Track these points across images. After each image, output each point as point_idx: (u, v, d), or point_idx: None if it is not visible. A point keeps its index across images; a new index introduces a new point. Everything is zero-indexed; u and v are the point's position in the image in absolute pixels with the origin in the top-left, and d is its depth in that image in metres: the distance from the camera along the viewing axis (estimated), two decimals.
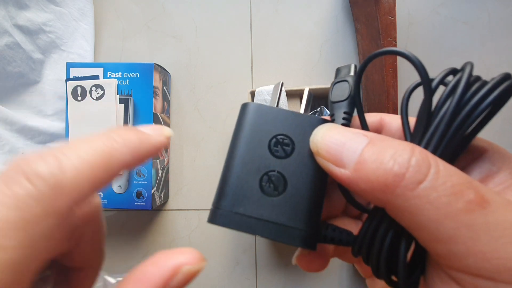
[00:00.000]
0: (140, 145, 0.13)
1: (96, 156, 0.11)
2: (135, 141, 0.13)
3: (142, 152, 0.13)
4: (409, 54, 0.14)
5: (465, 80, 0.14)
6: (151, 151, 0.13)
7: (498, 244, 0.10)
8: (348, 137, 0.13)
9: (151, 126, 0.14)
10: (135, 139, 0.13)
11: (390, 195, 0.12)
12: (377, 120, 0.18)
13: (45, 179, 0.10)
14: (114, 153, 0.12)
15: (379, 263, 0.14)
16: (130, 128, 0.13)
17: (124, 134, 0.12)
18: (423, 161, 0.12)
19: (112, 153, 0.12)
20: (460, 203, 0.11)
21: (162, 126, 0.15)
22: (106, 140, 0.12)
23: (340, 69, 0.19)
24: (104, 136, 0.12)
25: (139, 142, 0.13)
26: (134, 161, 0.12)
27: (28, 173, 0.10)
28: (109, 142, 0.12)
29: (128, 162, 0.12)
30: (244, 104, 0.17)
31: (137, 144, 0.13)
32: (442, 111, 0.14)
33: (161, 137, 0.14)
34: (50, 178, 0.10)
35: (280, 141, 0.16)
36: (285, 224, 0.15)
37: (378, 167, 0.12)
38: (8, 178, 0.10)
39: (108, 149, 0.11)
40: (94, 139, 0.12)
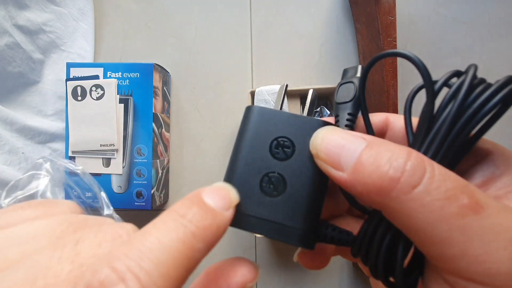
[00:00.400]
0: (216, 231, 0.12)
1: (179, 267, 0.10)
2: (211, 228, 0.12)
3: (216, 240, 0.12)
4: (413, 56, 0.14)
5: (467, 83, 0.13)
6: (222, 234, 0.13)
7: (491, 248, 0.11)
8: (347, 140, 0.14)
9: (217, 191, 0.13)
10: (210, 226, 0.12)
11: (385, 198, 0.12)
12: (383, 120, 0.18)
13: None
14: (196, 256, 0.11)
15: (377, 264, 0.14)
16: (202, 206, 0.12)
17: (200, 222, 0.11)
18: (419, 165, 0.12)
19: (195, 257, 0.11)
20: (454, 207, 0.11)
21: (228, 190, 0.14)
22: (184, 236, 0.11)
23: (347, 70, 0.19)
24: (181, 230, 0.11)
25: (215, 229, 0.12)
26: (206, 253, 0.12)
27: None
28: (189, 242, 0.11)
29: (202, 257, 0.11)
30: (248, 107, 0.17)
31: (213, 231, 0.12)
32: (444, 114, 0.14)
33: (229, 211, 0.13)
34: None
35: (281, 143, 0.16)
36: (284, 224, 0.15)
37: (374, 171, 0.12)
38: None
39: (190, 252, 0.11)
40: (172, 236, 0.10)
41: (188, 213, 0.12)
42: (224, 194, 0.14)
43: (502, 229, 0.11)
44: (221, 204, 0.13)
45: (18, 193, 0.37)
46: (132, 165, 0.47)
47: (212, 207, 0.13)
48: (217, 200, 0.13)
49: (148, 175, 0.47)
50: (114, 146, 0.47)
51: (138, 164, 0.47)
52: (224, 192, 0.14)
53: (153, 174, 0.47)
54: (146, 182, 0.47)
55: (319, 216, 0.16)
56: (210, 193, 0.13)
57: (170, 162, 0.54)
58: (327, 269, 0.51)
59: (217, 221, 0.12)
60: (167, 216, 0.11)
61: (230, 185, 0.15)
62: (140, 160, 0.47)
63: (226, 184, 0.15)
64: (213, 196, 0.13)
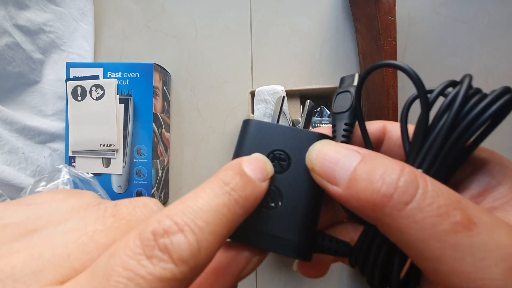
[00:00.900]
0: (255, 200, 0.14)
1: (224, 228, 0.12)
2: (251, 197, 0.13)
3: (253, 207, 0.14)
4: (407, 67, 0.14)
5: (462, 93, 0.13)
6: (258, 203, 0.14)
7: (483, 265, 0.11)
8: (341, 154, 0.14)
9: (256, 163, 0.15)
10: (250, 196, 0.13)
11: (379, 213, 0.12)
12: (380, 128, 0.18)
13: (188, 263, 0.10)
14: (237, 220, 0.13)
15: (374, 275, 0.15)
16: (243, 177, 0.14)
17: (242, 189, 0.13)
18: (411, 181, 0.12)
19: (236, 221, 0.13)
20: (446, 224, 0.11)
21: (265, 162, 0.15)
22: (228, 202, 0.12)
23: (344, 79, 0.19)
24: (226, 197, 0.12)
25: (254, 198, 0.14)
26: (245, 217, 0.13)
27: (173, 255, 0.10)
28: (233, 207, 0.12)
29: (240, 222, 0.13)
30: (245, 121, 0.17)
31: (252, 200, 0.14)
32: (439, 125, 0.14)
33: (265, 182, 0.15)
34: (192, 261, 0.11)
35: (277, 156, 0.16)
36: (280, 236, 0.15)
37: (367, 187, 0.12)
38: (152, 254, 0.10)
39: (233, 216, 0.12)
40: (219, 201, 0.12)
41: (232, 182, 0.13)
42: (262, 166, 0.15)
43: (494, 246, 0.11)
44: (260, 176, 0.14)
45: (41, 184, 0.41)
46: (132, 165, 0.47)
47: (252, 178, 0.14)
48: (256, 170, 0.14)
49: (148, 175, 0.47)
50: (114, 146, 0.47)
51: (138, 164, 0.47)
52: (262, 164, 0.15)
53: (153, 174, 0.47)
54: (146, 182, 0.47)
55: (316, 227, 0.16)
56: (249, 164, 0.14)
57: (170, 162, 0.54)
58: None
59: (256, 191, 0.14)
60: (214, 183, 0.13)
61: (267, 159, 0.16)
62: (140, 160, 0.47)
63: (263, 157, 0.16)
64: (253, 167, 0.14)
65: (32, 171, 0.46)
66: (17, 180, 0.42)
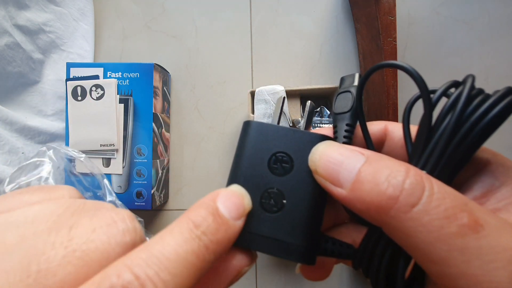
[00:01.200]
0: (227, 243, 0.13)
1: (192, 279, 0.11)
2: (223, 241, 0.12)
3: (225, 251, 0.13)
4: (409, 67, 0.14)
5: (465, 94, 0.13)
6: (231, 244, 0.13)
7: (490, 268, 0.11)
8: (345, 156, 0.14)
9: (232, 198, 0.14)
10: (222, 240, 0.12)
11: (385, 216, 0.12)
12: (381, 129, 0.18)
13: None
14: (206, 267, 0.12)
15: (378, 278, 0.14)
16: (216, 218, 0.13)
17: (214, 233, 0.12)
18: (417, 183, 0.12)
19: (205, 268, 0.12)
20: (453, 227, 0.11)
21: (242, 197, 0.14)
22: (198, 249, 0.11)
23: (345, 79, 0.19)
24: (195, 242, 0.11)
25: (227, 241, 0.13)
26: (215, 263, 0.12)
27: None
28: (202, 255, 0.11)
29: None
30: (246, 122, 0.17)
31: (225, 244, 0.13)
32: (442, 126, 0.14)
33: (241, 220, 0.14)
34: None
35: (279, 158, 0.16)
36: (284, 240, 0.15)
37: (373, 189, 0.12)
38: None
39: (202, 264, 0.11)
40: (187, 248, 0.11)
41: (203, 224, 0.12)
42: (238, 202, 0.14)
43: (501, 249, 0.11)
44: (234, 214, 0.13)
45: (21, 179, 0.37)
46: (132, 165, 0.47)
47: (226, 218, 0.13)
48: (231, 208, 0.13)
49: (148, 175, 0.47)
50: (114, 146, 0.47)
51: (138, 164, 0.47)
52: (239, 200, 0.14)
53: (153, 174, 0.47)
54: (146, 182, 0.47)
55: (319, 230, 0.16)
56: (225, 200, 0.13)
57: (170, 162, 0.54)
58: None
59: (229, 233, 0.13)
60: (183, 225, 0.12)
61: (246, 192, 0.15)
62: (140, 160, 0.47)
63: (241, 189, 0.15)
64: (228, 204, 0.13)
65: None
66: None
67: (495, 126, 0.13)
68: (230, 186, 0.15)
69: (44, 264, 0.10)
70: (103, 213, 0.12)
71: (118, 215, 0.12)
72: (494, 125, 0.13)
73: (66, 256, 0.10)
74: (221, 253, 0.12)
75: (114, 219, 0.12)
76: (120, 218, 0.12)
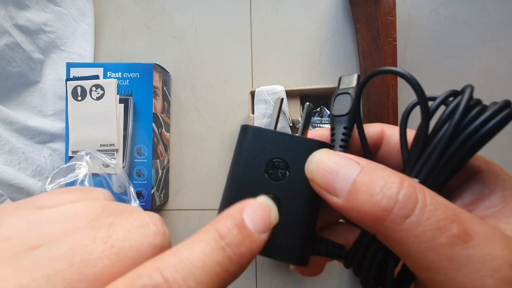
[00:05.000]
0: (251, 256, 0.13)
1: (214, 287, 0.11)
2: (247, 255, 0.13)
3: (248, 263, 0.13)
4: (408, 75, 0.14)
5: (463, 105, 0.13)
6: (254, 257, 0.13)
7: (478, 276, 0.11)
8: (341, 165, 0.14)
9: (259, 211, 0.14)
10: (247, 251, 0.13)
11: (379, 226, 0.12)
12: (378, 132, 0.18)
13: None
14: (230, 278, 0.12)
15: (368, 278, 0.15)
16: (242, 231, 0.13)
17: (238, 246, 0.12)
18: (411, 195, 0.12)
19: (228, 279, 0.12)
20: (443, 238, 0.11)
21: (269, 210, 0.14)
22: (222, 260, 0.12)
23: (343, 79, 0.19)
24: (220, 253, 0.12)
25: (251, 254, 0.13)
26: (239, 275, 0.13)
27: None
28: (226, 266, 0.12)
29: None
30: (243, 127, 0.17)
31: (249, 257, 0.13)
32: (439, 136, 0.14)
33: (266, 235, 0.14)
34: None
35: (276, 164, 0.16)
36: (278, 243, 0.15)
37: (368, 200, 0.13)
38: None
39: (225, 275, 0.12)
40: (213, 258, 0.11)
41: (228, 236, 0.12)
42: (265, 215, 0.14)
43: (488, 258, 0.11)
44: (260, 227, 0.13)
45: (61, 180, 0.43)
46: (132, 165, 0.47)
47: (251, 231, 0.13)
48: (257, 222, 0.13)
49: (148, 175, 0.47)
50: (114, 146, 0.47)
51: (138, 164, 0.47)
52: (265, 213, 0.14)
53: (153, 174, 0.47)
54: (146, 182, 0.47)
55: (314, 233, 0.16)
56: (251, 213, 0.14)
57: (170, 162, 0.54)
58: (328, 269, 0.51)
59: (253, 246, 0.13)
60: (210, 234, 0.12)
61: (273, 204, 0.15)
62: (140, 160, 0.47)
63: (268, 201, 0.15)
64: (254, 217, 0.14)
65: (32, 171, 0.46)
66: (17, 180, 0.42)
67: (490, 137, 0.13)
68: (258, 198, 0.15)
69: (86, 256, 0.11)
70: (138, 215, 0.12)
71: (151, 218, 0.12)
72: (490, 137, 0.13)
73: (105, 251, 0.11)
74: (245, 266, 0.13)
75: (147, 221, 0.12)
76: (152, 221, 0.12)
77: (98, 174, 0.45)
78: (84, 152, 0.44)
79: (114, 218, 0.12)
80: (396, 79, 0.43)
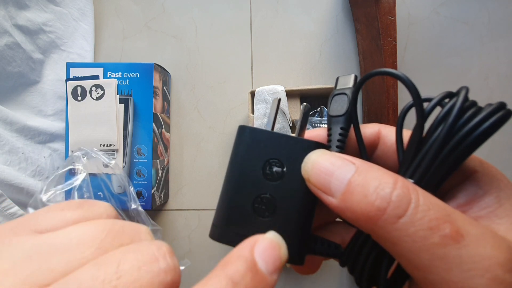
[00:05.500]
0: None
1: None
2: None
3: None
4: (403, 76, 0.15)
5: (458, 106, 0.14)
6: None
7: (469, 276, 0.11)
8: (336, 166, 0.14)
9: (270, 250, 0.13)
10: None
11: (373, 225, 0.13)
12: (375, 132, 0.18)
13: None
14: None
15: (362, 276, 0.15)
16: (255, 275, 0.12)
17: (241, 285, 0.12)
18: (404, 195, 0.12)
19: None
20: (435, 238, 0.12)
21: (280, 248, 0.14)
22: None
23: (340, 79, 0.19)
24: None
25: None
26: None
27: None
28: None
29: None
30: (240, 127, 0.17)
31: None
32: (433, 137, 0.14)
33: (277, 275, 0.13)
34: None
35: (273, 165, 0.16)
36: None
37: (362, 200, 0.13)
38: None
39: None
40: None
41: (241, 282, 0.12)
42: (276, 255, 0.14)
43: (479, 258, 0.11)
44: (271, 268, 0.13)
45: (58, 188, 0.40)
46: (132, 165, 0.47)
47: (265, 275, 0.13)
48: (269, 262, 0.13)
49: (148, 175, 0.47)
50: (114, 146, 0.47)
51: (138, 164, 0.47)
52: (277, 252, 0.14)
53: (153, 174, 0.47)
54: (146, 182, 0.47)
55: (309, 233, 0.17)
56: (263, 253, 0.13)
57: (170, 162, 0.54)
58: (327, 269, 0.51)
59: (262, 284, 0.12)
60: (223, 282, 0.12)
61: (282, 240, 0.15)
62: (140, 160, 0.47)
63: (278, 238, 0.15)
64: (266, 257, 0.13)
65: (32, 171, 0.46)
66: (17, 180, 0.42)
67: (485, 139, 0.13)
68: (267, 234, 0.14)
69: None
70: (146, 248, 0.12)
71: (160, 250, 0.12)
72: (484, 138, 0.13)
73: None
74: None
75: (156, 256, 0.12)
76: (162, 255, 0.12)
77: (97, 174, 0.45)
78: (80, 152, 0.42)
79: (121, 253, 0.12)
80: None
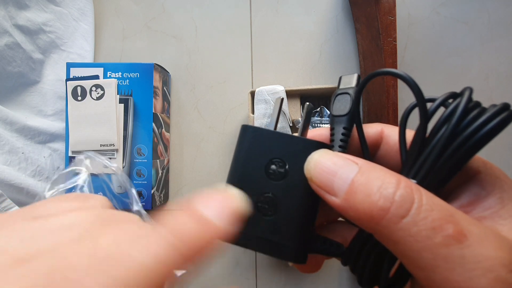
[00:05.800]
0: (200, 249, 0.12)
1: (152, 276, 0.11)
2: (194, 244, 0.12)
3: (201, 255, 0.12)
4: (406, 76, 0.15)
5: (462, 107, 0.14)
6: (211, 252, 0.12)
7: (471, 276, 0.11)
8: (339, 166, 0.14)
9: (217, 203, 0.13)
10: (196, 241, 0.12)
11: (376, 225, 0.13)
12: (378, 132, 0.18)
13: None
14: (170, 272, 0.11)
15: (363, 275, 0.16)
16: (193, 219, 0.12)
17: (184, 235, 0.12)
18: (407, 195, 0.12)
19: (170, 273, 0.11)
20: (438, 238, 0.12)
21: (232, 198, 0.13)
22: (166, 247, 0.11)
23: (343, 79, 0.19)
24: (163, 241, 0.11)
25: (199, 245, 0.12)
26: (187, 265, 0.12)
27: None
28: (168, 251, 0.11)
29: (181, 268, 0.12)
30: (243, 127, 0.17)
31: (197, 248, 0.12)
32: (437, 137, 0.14)
33: (228, 226, 0.13)
34: None
35: (276, 164, 0.17)
36: (278, 242, 0.16)
37: (365, 199, 0.13)
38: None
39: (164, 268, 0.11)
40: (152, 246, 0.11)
41: (183, 229, 0.12)
42: (224, 204, 0.13)
43: (482, 258, 0.11)
44: (219, 215, 0.13)
45: (60, 186, 0.43)
46: (132, 165, 0.47)
47: (211, 221, 0.12)
48: (216, 210, 0.13)
49: (148, 175, 0.47)
50: (114, 146, 0.47)
51: (138, 164, 0.47)
52: (225, 200, 0.13)
53: (153, 174, 0.47)
54: (146, 182, 0.47)
55: (311, 232, 0.17)
56: (206, 202, 0.13)
57: (170, 162, 0.54)
58: (327, 269, 0.51)
59: (201, 230, 0.12)
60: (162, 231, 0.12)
61: (235, 190, 0.14)
62: (140, 160, 0.47)
63: (231, 189, 0.14)
64: (211, 206, 0.13)
65: (32, 171, 0.46)
66: (17, 180, 0.42)
67: (489, 139, 0.13)
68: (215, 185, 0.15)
69: (69, 272, 0.10)
70: (128, 227, 0.12)
71: (141, 229, 0.12)
72: (488, 139, 0.13)
73: (90, 265, 0.10)
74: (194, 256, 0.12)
75: (137, 233, 0.12)
76: (144, 234, 0.12)
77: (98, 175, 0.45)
78: (83, 156, 0.44)
79: (105, 229, 0.12)
80: (396, 79, 0.43)
